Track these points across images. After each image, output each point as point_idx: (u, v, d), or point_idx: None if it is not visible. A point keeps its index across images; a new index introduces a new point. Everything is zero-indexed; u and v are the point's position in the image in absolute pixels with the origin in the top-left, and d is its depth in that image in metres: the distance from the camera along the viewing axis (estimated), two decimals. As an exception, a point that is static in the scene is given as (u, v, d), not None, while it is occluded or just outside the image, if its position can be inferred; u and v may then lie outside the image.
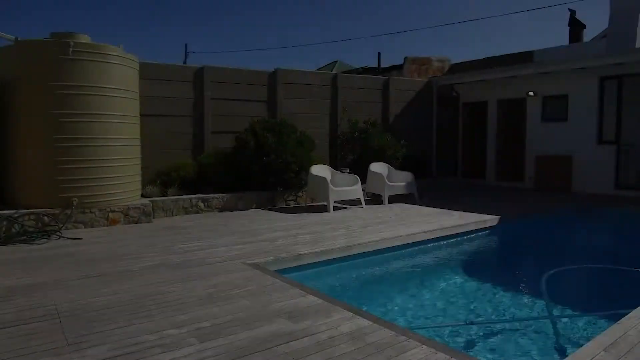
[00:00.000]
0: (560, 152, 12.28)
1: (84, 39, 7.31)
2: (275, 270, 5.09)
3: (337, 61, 25.11)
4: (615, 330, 3.29)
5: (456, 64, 17.34)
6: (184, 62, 26.46)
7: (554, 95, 12.58)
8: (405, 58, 16.64)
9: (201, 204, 8.71)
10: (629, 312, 3.64)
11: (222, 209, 8.92)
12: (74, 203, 7.02)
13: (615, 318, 3.57)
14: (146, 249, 5.85)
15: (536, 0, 47.71)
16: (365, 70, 18.96)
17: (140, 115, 8.36)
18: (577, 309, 4.88)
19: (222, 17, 67.38)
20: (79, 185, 7.13)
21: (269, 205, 9.52)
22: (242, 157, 9.34)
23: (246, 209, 9.17)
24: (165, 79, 9.73)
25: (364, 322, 3.46)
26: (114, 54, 7.44)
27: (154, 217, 8.00)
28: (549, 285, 5.43)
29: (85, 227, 7.14)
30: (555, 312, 4.70)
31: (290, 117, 10.82)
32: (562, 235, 8.94)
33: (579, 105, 12.00)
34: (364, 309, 4.23)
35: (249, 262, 5.19)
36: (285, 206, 9.70)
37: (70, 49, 6.93)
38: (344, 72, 16.29)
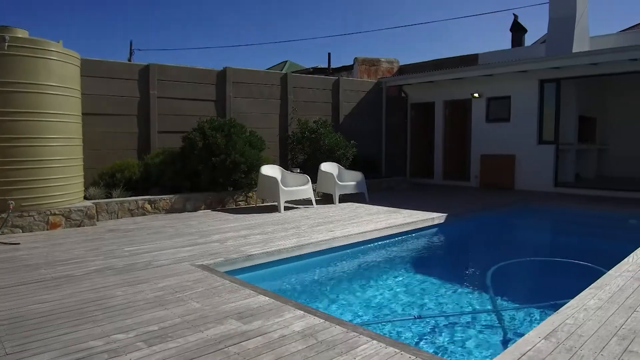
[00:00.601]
0: (503, 151, 12.78)
1: (21, 33, 6.95)
2: (226, 272, 5.02)
3: (287, 61, 25.07)
4: (554, 320, 3.45)
5: (405, 65, 17.71)
6: (129, 60, 25.67)
7: (497, 96, 13.09)
8: (355, 59, 16.83)
9: (148, 206, 8.47)
10: (567, 302, 3.83)
11: (170, 211, 8.71)
12: (11, 206, 6.65)
13: (555, 308, 3.74)
14: (90, 252, 5.62)
15: (481, 5, 49.44)
16: (316, 71, 19.03)
17: (82, 114, 8.03)
18: (520, 300, 5.09)
19: (170, 13, 65.85)
20: (16, 187, 6.76)
21: (219, 206, 9.38)
22: (190, 157, 9.16)
23: (195, 210, 9.00)
24: (109, 76, 9.40)
25: (316, 321, 3.47)
26: (53, 49, 7.11)
27: (97, 220, 7.72)
28: (493, 279, 5.64)
29: (23, 232, 6.79)
30: (500, 305, 4.88)
31: (240, 116, 10.72)
32: (506, 231, 9.32)
33: (521, 106, 12.53)
34: (316, 307, 4.24)
35: (198, 263, 5.09)
36: (235, 207, 9.59)
37: (5, 44, 6.56)
38: (294, 72, 16.28)
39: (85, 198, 8.10)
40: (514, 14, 17.42)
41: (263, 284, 4.88)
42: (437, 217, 8.25)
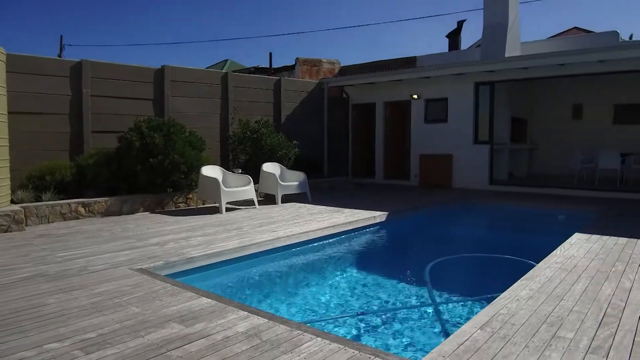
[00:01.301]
0: (442, 151, 13.22)
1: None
2: (166, 275, 4.89)
3: (227, 60, 24.74)
4: (489, 310, 3.62)
5: (346, 66, 17.95)
6: (59, 56, 24.42)
7: (435, 98, 13.52)
8: (297, 59, 16.87)
9: (82, 209, 8.10)
10: (501, 294, 4.02)
11: (106, 214, 8.37)
12: None
13: (490, 300, 3.92)
14: (19, 259, 5.30)
15: (420, 9, 50.91)
16: (257, 70, 18.91)
17: (8, 112, 7.57)
18: (457, 294, 5.28)
19: (104, 7, 63.24)
20: None
21: (158, 208, 9.12)
22: (127, 158, 8.84)
23: (132, 213, 8.70)
24: (38, 73, 8.90)
25: (260, 320, 3.45)
26: (-25, 43, 6.65)
27: (26, 225, 7.29)
28: (432, 274, 5.83)
29: (-59, 239, 6.31)
30: (438, 299, 5.05)
31: (179, 116, 10.47)
32: (444, 228, 9.65)
33: (457, 108, 13.02)
34: (260, 307, 4.22)
35: (137, 267, 4.93)
36: (175, 209, 9.35)
37: None
38: (235, 71, 16.09)
39: (13, 202, 7.63)
40: (458, 22, 18.06)
41: (206, 286, 4.80)
42: (379, 216, 8.41)
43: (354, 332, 4.10)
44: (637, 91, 13.84)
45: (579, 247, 5.78)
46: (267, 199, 10.52)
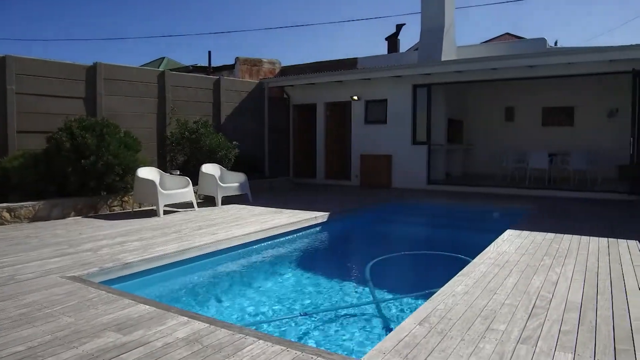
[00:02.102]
0: (381, 151, 13.50)
1: None
2: (101, 282, 4.69)
3: (165, 58, 24.04)
4: (427, 306, 3.73)
5: (287, 66, 17.94)
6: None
7: (375, 99, 13.78)
8: (237, 58, 16.68)
9: (6, 214, 7.62)
10: (438, 290, 4.16)
11: (34, 219, 7.91)
12: None
13: (429, 296, 4.04)
14: None
15: (361, 11, 51.71)
16: (195, 69, 18.53)
17: None
18: (398, 291, 5.41)
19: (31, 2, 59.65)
20: None
21: (91, 212, 8.72)
22: (56, 160, 8.39)
23: (63, 218, 8.27)
24: (-45, 69, 8.28)
25: (200, 325, 3.38)
26: None
27: (-57, 232, 6.77)
28: (373, 273, 5.93)
29: None
30: (379, 296, 5.15)
31: (114, 116, 10.06)
32: (384, 227, 9.86)
33: (396, 109, 13.34)
34: (202, 312, 4.14)
35: (69, 275, 4.69)
36: (109, 212, 8.98)
37: None
38: (173, 69, 15.70)
39: None
40: (397, 25, 18.46)
41: (144, 292, 4.65)
42: (320, 216, 8.47)
43: (298, 333, 4.10)
44: (563, 95, 14.86)
45: (510, 243, 6.08)
46: (207, 201, 10.33)
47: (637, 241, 6.18)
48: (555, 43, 17.01)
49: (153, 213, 8.64)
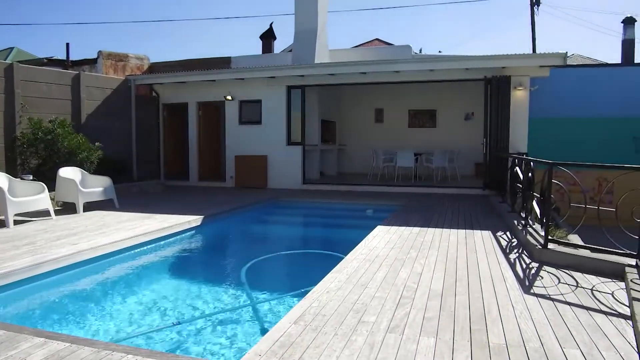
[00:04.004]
0: (257, 152, 13.45)
1: None
2: None
3: (14, 48, 21.52)
4: (302, 304, 3.77)
5: (156, 63, 17.09)
6: None
7: (249, 100, 13.69)
8: (100, 52, 15.47)
9: None
10: (313, 288, 4.22)
11: None
12: None
13: (304, 294, 4.09)
14: None
15: (235, 8, 51.07)
16: (51, 62, 16.83)
17: None
18: (274, 292, 5.40)
19: None
20: None
21: None
22: None
23: None
24: None
25: (60, 346, 3.06)
26: None
27: None
28: (249, 275, 5.87)
29: None
30: (256, 298, 5.09)
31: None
32: (259, 228, 9.83)
33: (271, 110, 13.38)
34: (62, 331, 3.75)
35: None
36: (-55, 224, 7.81)
37: None
38: (23, 62, 14.09)
39: None
40: (270, 23, 18.49)
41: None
42: (194, 220, 8.18)
43: (171, 343, 3.90)
44: (426, 98, 16.15)
45: (380, 238, 6.40)
46: (67, 208, 9.43)
47: (489, 232, 6.88)
48: (420, 50, 18.39)
49: (2, 223, 7.67)
